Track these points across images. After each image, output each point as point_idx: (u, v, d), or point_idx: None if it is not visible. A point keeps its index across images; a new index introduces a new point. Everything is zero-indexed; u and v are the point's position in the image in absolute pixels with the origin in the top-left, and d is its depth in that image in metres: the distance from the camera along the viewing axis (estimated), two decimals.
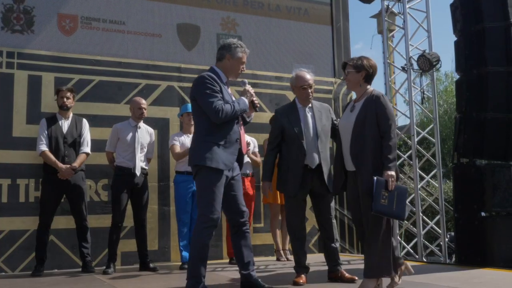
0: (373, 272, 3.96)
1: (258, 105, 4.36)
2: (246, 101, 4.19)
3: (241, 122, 4.28)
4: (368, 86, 4.19)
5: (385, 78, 23.33)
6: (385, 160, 3.93)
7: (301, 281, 4.54)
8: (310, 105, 4.76)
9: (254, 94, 4.30)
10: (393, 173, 3.92)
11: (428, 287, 4.40)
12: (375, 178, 3.88)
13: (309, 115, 4.70)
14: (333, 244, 4.68)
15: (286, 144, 4.70)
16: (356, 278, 4.52)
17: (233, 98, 4.18)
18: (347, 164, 4.14)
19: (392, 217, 3.95)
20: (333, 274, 4.67)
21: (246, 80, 4.37)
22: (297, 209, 4.69)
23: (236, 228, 4.21)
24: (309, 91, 4.71)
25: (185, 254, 5.91)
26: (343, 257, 4.90)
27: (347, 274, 4.63)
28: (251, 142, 6.63)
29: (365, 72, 4.12)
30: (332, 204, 4.78)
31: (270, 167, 4.82)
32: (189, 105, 6.30)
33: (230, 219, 4.26)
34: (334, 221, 4.77)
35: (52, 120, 5.88)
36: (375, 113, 4.00)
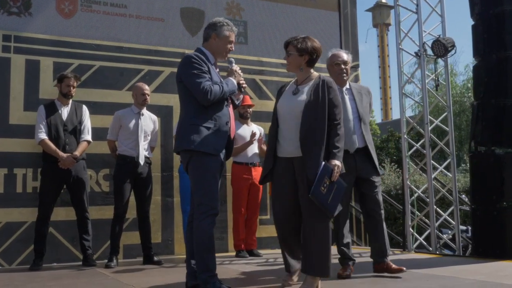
0: (315, 271, 3.74)
1: (245, 86, 4.09)
2: (234, 81, 3.93)
3: (231, 105, 4.01)
4: (312, 70, 4.01)
5: (381, 69, 23.14)
6: (334, 149, 3.77)
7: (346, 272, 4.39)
8: (348, 86, 4.56)
9: (241, 74, 4.04)
10: (339, 163, 3.76)
11: (454, 281, 4.16)
12: (323, 162, 3.70)
13: (347, 97, 4.48)
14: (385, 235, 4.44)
15: None
16: (404, 268, 4.27)
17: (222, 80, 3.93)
18: (286, 149, 3.87)
19: (323, 208, 3.70)
20: (379, 266, 4.40)
21: (233, 59, 4.07)
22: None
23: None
24: (342, 67, 4.51)
25: None
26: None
27: (393, 265, 4.35)
28: (259, 131, 6.41)
29: (308, 56, 3.92)
30: (379, 193, 4.50)
31: None
32: None
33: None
34: (382, 210, 4.48)
35: (50, 107, 5.60)
36: (326, 99, 3.82)
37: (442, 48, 6.21)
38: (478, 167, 5.83)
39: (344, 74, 4.53)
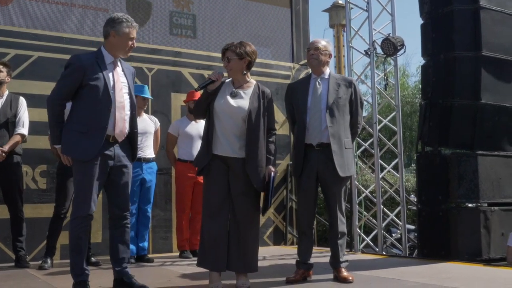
0: (255, 267, 4.01)
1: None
2: None
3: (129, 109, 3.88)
4: (249, 75, 4.12)
5: (337, 69, 23.25)
6: (270, 155, 4.01)
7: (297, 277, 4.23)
8: (326, 76, 4.34)
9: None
10: (274, 168, 4.02)
11: (396, 283, 4.09)
12: (272, 173, 3.94)
13: (321, 87, 4.29)
14: (338, 240, 4.21)
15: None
16: (351, 278, 4.08)
17: (122, 79, 3.88)
18: (224, 148, 3.92)
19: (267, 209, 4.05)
20: (334, 271, 4.24)
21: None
22: (302, 191, 4.29)
23: (113, 221, 3.95)
24: (311, 52, 4.30)
25: (132, 247, 5.45)
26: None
27: (343, 273, 4.15)
28: None
29: (248, 59, 4.02)
30: (339, 198, 4.26)
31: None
32: (145, 87, 5.86)
33: (109, 211, 4.00)
34: (342, 213, 4.25)
35: None
36: (265, 107, 4.03)
37: (391, 46, 6.16)
38: (425, 168, 5.82)
39: (313, 60, 4.30)
